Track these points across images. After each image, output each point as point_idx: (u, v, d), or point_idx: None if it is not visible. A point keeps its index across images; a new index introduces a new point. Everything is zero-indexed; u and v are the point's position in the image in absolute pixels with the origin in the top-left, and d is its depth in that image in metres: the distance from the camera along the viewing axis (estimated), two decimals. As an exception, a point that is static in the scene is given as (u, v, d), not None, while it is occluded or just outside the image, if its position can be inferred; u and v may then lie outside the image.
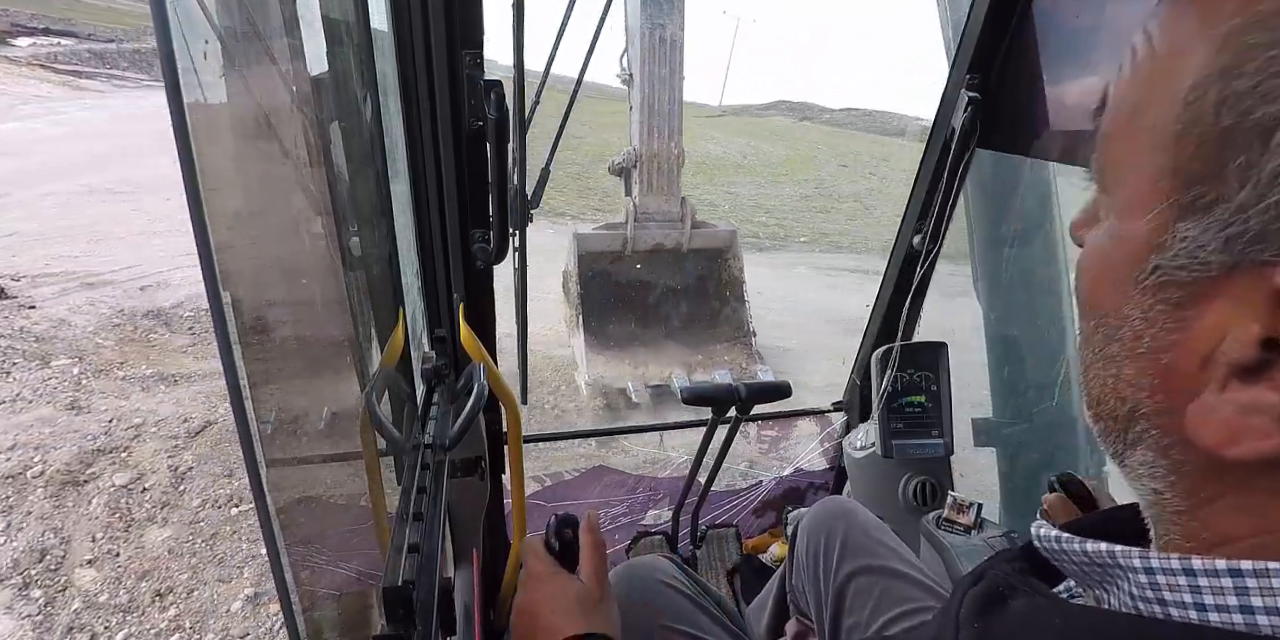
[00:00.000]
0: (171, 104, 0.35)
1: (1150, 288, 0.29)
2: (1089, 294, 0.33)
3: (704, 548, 1.76)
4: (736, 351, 4.65)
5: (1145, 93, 0.29)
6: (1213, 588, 0.28)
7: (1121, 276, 0.30)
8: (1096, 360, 0.32)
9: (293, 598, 0.49)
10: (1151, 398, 0.30)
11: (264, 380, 0.48)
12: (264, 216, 0.59)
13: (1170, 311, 0.28)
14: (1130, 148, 0.30)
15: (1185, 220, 0.27)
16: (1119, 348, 0.31)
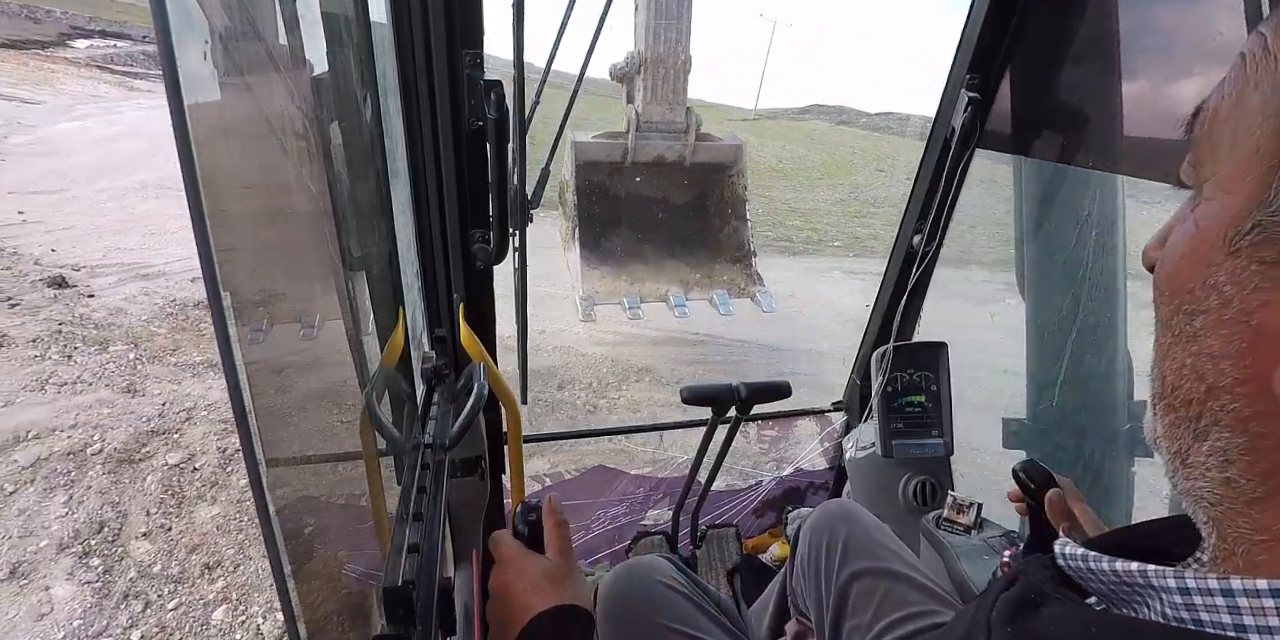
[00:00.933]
0: (171, 104, 0.35)
1: (1244, 250, 0.29)
2: (1170, 279, 0.33)
3: (704, 548, 1.76)
4: (736, 271, 4.45)
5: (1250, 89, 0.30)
6: (1253, 609, 0.27)
7: (1210, 250, 0.31)
8: (1176, 343, 0.33)
9: (293, 598, 0.49)
10: (1236, 364, 0.30)
11: (267, 380, 0.48)
12: (264, 216, 0.59)
13: (1264, 270, 0.29)
14: (1230, 133, 0.31)
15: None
16: (1203, 320, 0.31)
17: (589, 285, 4.10)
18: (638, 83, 4.31)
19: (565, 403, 3.99)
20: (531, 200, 1.21)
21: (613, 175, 4.42)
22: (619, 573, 1.04)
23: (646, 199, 4.50)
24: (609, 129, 4.55)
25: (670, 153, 4.38)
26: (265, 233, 0.60)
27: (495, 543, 0.80)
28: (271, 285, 0.60)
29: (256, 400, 0.44)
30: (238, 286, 0.43)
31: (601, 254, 4.31)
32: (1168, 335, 0.33)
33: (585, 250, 4.21)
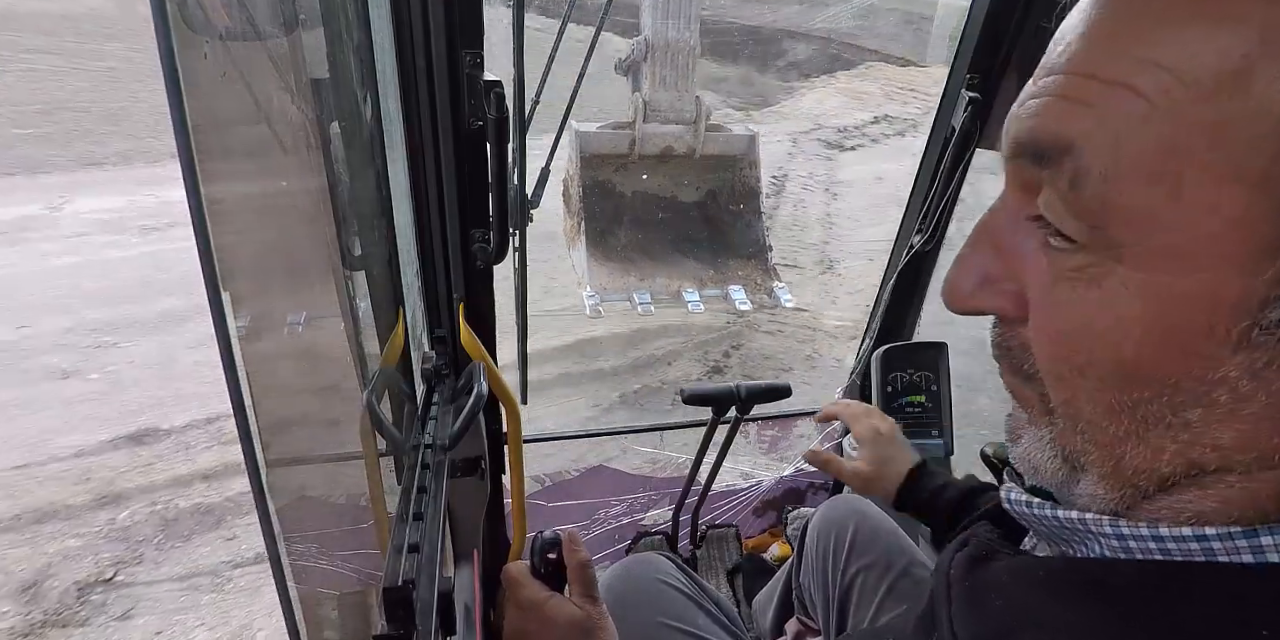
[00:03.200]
0: (172, 104, 0.35)
1: (1265, 343, 0.26)
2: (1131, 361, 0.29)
3: (704, 548, 1.76)
4: (751, 267, 4.26)
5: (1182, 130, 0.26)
6: (1181, 550, 0.30)
7: (1200, 338, 0.27)
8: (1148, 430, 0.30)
9: (293, 598, 0.49)
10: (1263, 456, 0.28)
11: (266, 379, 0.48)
12: (264, 216, 0.59)
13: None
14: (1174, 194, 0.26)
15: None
16: (1205, 415, 0.28)
17: (596, 282, 3.96)
18: (644, 70, 4.09)
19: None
20: (531, 200, 1.21)
21: (619, 171, 4.25)
22: (618, 571, 1.04)
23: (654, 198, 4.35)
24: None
25: (679, 144, 4.16)
26: (265, 232, 0.60)
27: (513, 582, 0.74)
28: (271, 285, 0.60)
29: (256, 400, 0.44)
30: (237, 286, 0.43)
31: (608, 250, 4.16)
32: (1121, 422, 0.30)
33: (591, 246, 4.07)
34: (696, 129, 4.16)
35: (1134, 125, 0.27)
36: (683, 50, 4.07)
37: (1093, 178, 0.28)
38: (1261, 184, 0.25)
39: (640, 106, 4.05)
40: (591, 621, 0.70)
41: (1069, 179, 0.29)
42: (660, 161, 4.26)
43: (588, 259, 4.04)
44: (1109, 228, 0.28)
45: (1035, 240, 0.32)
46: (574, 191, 4.14)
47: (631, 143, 4.09)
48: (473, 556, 1.22)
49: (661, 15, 3.99)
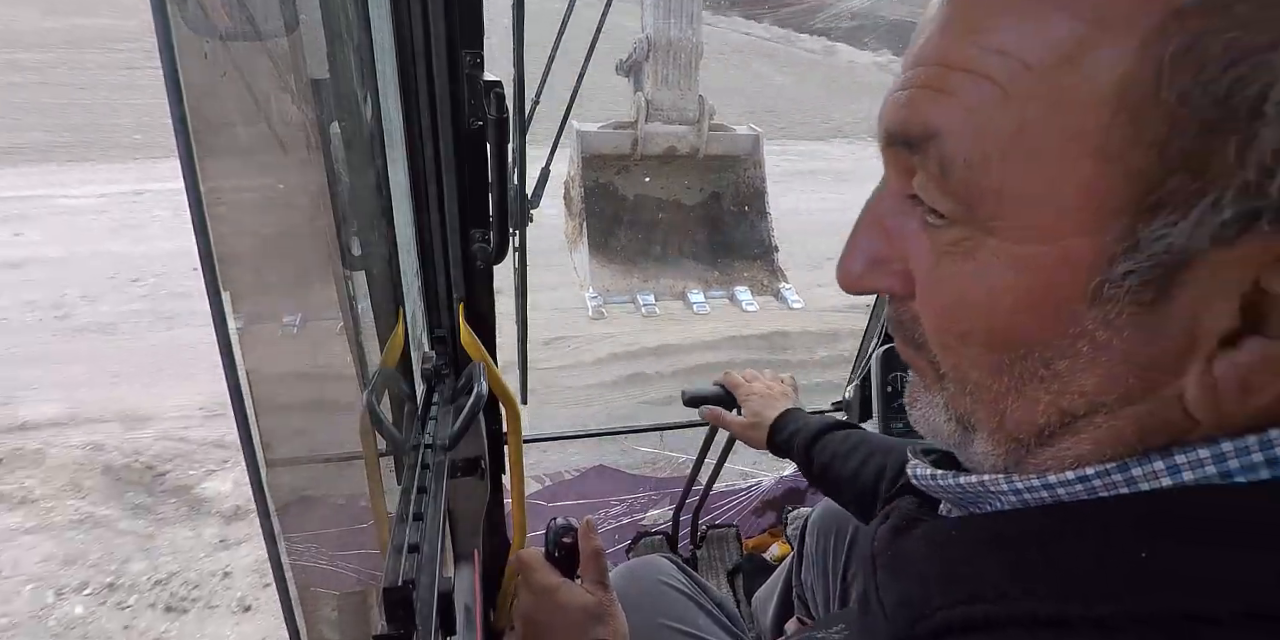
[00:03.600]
0: (172, 104, 0.35)
1: (1117, 296, 0.29)
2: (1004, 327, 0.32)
3: (704, 548, 1.76)
4: (757, 268, 4.21)
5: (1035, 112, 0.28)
6: (1069, 493, 0.33)
7: (1063, 298, 0.30)
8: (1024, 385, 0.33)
9: (293, 597, 0.50)
10: (1122, 396, 0.31)
11: (266, 379, 0.48)
12: (264, 216, 0.60)
13: (1144, 309, 0.29)
14: (1039, 173, 0.29)
15: (1158, 219, 0.27)
16: (1071, 365, 0.31)
17: (599, 283, 3.92)
18: (646, 69, 4.00)
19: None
20: (531, 200, 1.21)
21: (620, 173, 4.19)
22: (620, 573, 1.04)
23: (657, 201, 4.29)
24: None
25: (682, 144, 4.09)
26: (265, 233, 0.60)
27: (526, 567, 0.76)
28: (271, 285, 0.60)
29: (256, 400, 0.44)
30: (237, 286, 0.43)
31: (610, 252, 4.11)
32: (1002, 379, 0.33)
33: (593, 248, 4.01)
34: (700, 129, 4.07)
35: (989, 109, 0.29)
36: (685, 48, 3.99)
37: (958, 161, 0.31)
38: (1102, 153, 0.27)
39: (642, 106, 3.97)
40: (602, 608, 0.72)
41: (937, 163, 0.31)
42: (663, 163, 4.19)
43: (590, 260, 3.98)
44: (977, 205, 0.31)
45: (916, 220, 0.34)
46: (575, 194, 4.07)
47: (634, 142, 4.01)
48: (473, 556, 1.22)
49: (663, 13, 3.91)
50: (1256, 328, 0.28)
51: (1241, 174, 0.25)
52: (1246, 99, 0.24)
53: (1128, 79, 0.26)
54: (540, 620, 0.72)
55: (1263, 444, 0.28)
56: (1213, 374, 0.29)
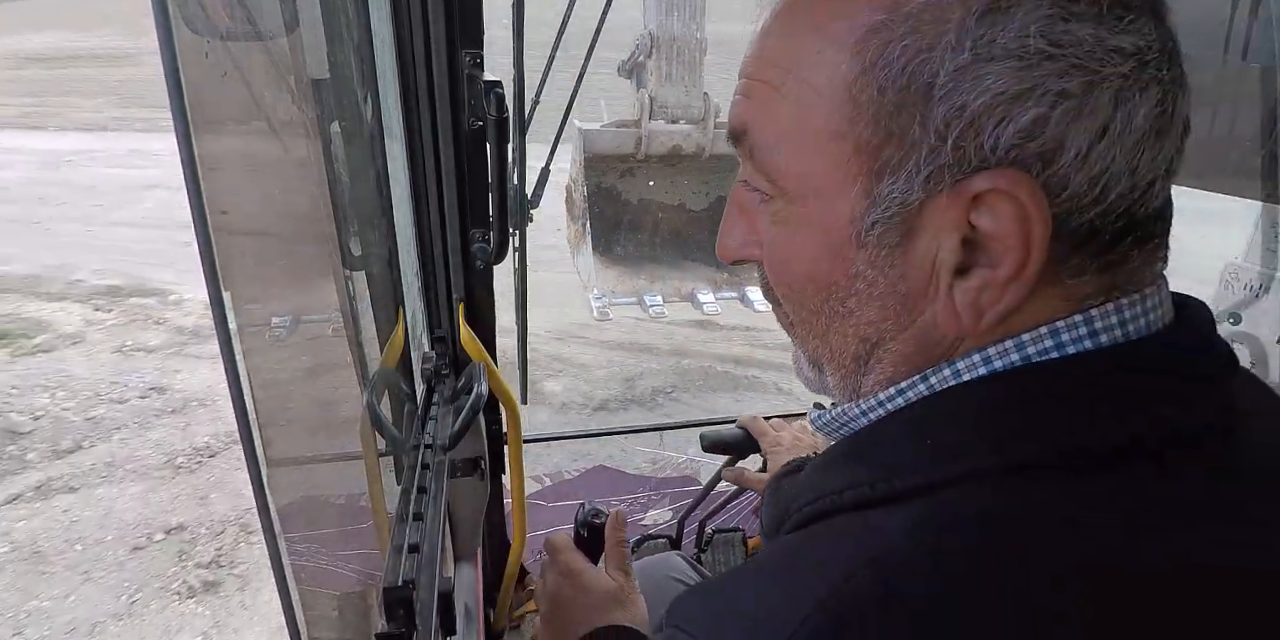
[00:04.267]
0: (173, 104, 0.35)
1: (871, 241, 0.37)
2: (811, 274, 0.41)
3: (709, 552, 1.76)
4: None
5: (796, 105, 0.38)
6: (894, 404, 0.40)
7: (841, 245, 0.38)
8: (834, 322, 0.42)
9: (293, 597, 0.50)
10: (895, 322, 0.39)
11: (267, 380, 0.48)
12: (265, 216, 0.60)
13: (892, 251, 0.37)
14: (801, 150, 0.38)
15: (884, 180, 0.36)
16: (857, 300, 0.40)
17: (604, 284, 3.88)
18: (649, 66, 3.94)
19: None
20: (531, 200, 1.21)
21: (624, 177, 4.11)
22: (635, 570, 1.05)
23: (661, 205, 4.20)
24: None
25: (688, 143, 4.02)
26: (266, 233, 0.60)
27: (555, 549, 0.81)
28: (272, 285, 0.60)
29: (257, 400, 0.44)
30: (238, 286, 0.43)
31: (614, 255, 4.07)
32: (821, 319, 0.42)
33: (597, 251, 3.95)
34: (705, 127, 3.99)
35: (771, 107, 0.39)
36: (689, 44, 3.93)
37: (760, 147, 0.40)
38: (837, 134, 0.36)
39: (646, 104, 3.89)
40: (624, 593, 0.77)
41: (749, 151, 0.41)
42: (667, 164, 4.09)
43: (594, 262, 3.91)
44: (777, 181, 0.40)
45: (757, 199, 0.43)
46: (577, 197, 3.97)
47: (637, 142, 3.93)
48: (472, 556, 1.22)
49: (666, 8, 3.83)
50: (978, 260, 0.35)
51: (927, 141, 0.34)
52: (919, 87, 0.34)
53: (846, 78, 0.36)
54: (564, 600, 0.75)
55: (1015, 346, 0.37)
56: (952, 298, 0.36)
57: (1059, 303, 0.36)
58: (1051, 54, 0.32)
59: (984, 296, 0.36)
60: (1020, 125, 0.33)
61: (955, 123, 0.33)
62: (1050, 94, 0.33)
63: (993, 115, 0.33)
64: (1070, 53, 0.32)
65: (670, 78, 3.98)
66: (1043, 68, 0.32)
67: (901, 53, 0.34)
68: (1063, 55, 0.32)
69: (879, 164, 0.36)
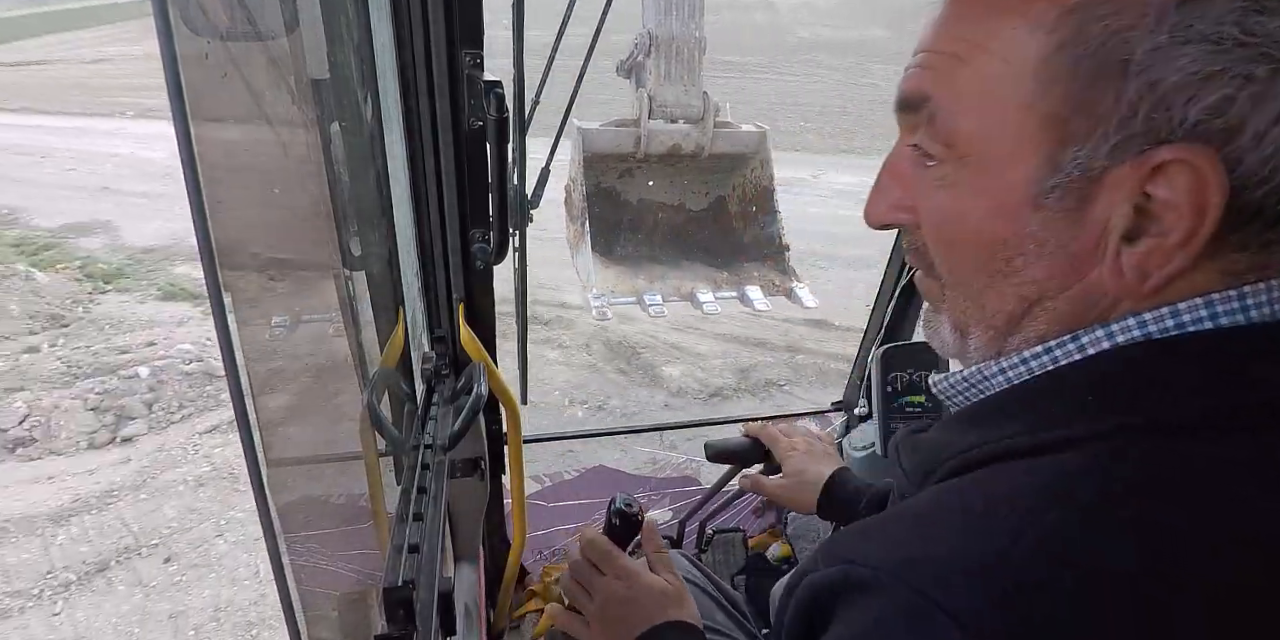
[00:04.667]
0: (173, 104, 0.35)
1: (1049, 204, 0.40)
2: (977, 232, 0.44)
3: (709, 552, 1.76)
4: (768, 268, 4.02)
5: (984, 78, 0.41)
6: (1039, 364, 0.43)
7: (1019, 206, 0.41)
8: (994, 280, 0.44)
9: (293, 597, 0.50)
10: (1060, 280, 0.42)
11: (267, 380, 0.48)
12: (265, 216, 0.59)
13: (1068, 214, 0.40)
14: (986, 119, 0.41)
15: (1069, 147, 0.39)
16: (1024, 260, 0.42)
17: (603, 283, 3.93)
18: (648, 65, 3.76)
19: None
20: (531, 200, 1.21)
21: (623, 177, 4.07)
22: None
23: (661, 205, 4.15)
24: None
25: (687, 142, 3.93)
26: (266, 233, 0.60)
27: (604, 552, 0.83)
28: (272, 285, 0.60)
29: (257, 400, 0.44)
30: (239, 286, 0.43)
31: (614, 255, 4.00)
32: (981, 277, 0.45)
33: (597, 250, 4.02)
34: (704, 126, 3.89)
35: (959, 78, 0.42)
36: (689, 43, 3.97)
37: (941, 115, 0.43)
38: (1025, 105, 0.40)
39: (645, 102, 3.76)
40: (679, 593, 0.80)
41: (928, 117, 0.44)
42: (667, 164, 4.04)
43: (593, 261, 3.94)
44: (955, 146, 0.43)
45: (918, 165, 0.46)
46: (576, 196, 4.05)
47: (637, 141, 3.84)
48: (472, 556, 1.22)
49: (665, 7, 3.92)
50: (1149, 227, 0.38)
51: (1118, 113, 0.37)
52: (1116, 63, 0.36)
53: (1040, 53, 0.39)
54: (622, 599, 0.78)
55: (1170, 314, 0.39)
56: (1119, 262, 0.39)
57: (1215, 276, 0.38)
58: (1244, 41, 0.35)
59: (1150, 260, 0.38)
60: (1208, 103, 0.35)
61: (1147, 97, 0.36)
62: (1239, 77, 0.35)
63: (1183, 93, 0.35)
64: (1261, 41, 0.35)
65: (669, 77, 3.97)
66: (1234, 53, 0.35)
67: (1100, 32, 0.37)
68: (1254, 43, 0.35)
69: (1065, 133, 0.39)
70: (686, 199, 4.33)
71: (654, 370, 4.48)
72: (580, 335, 4.78)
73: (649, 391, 4.29)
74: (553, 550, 1.71)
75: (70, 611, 2.71)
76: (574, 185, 4.05)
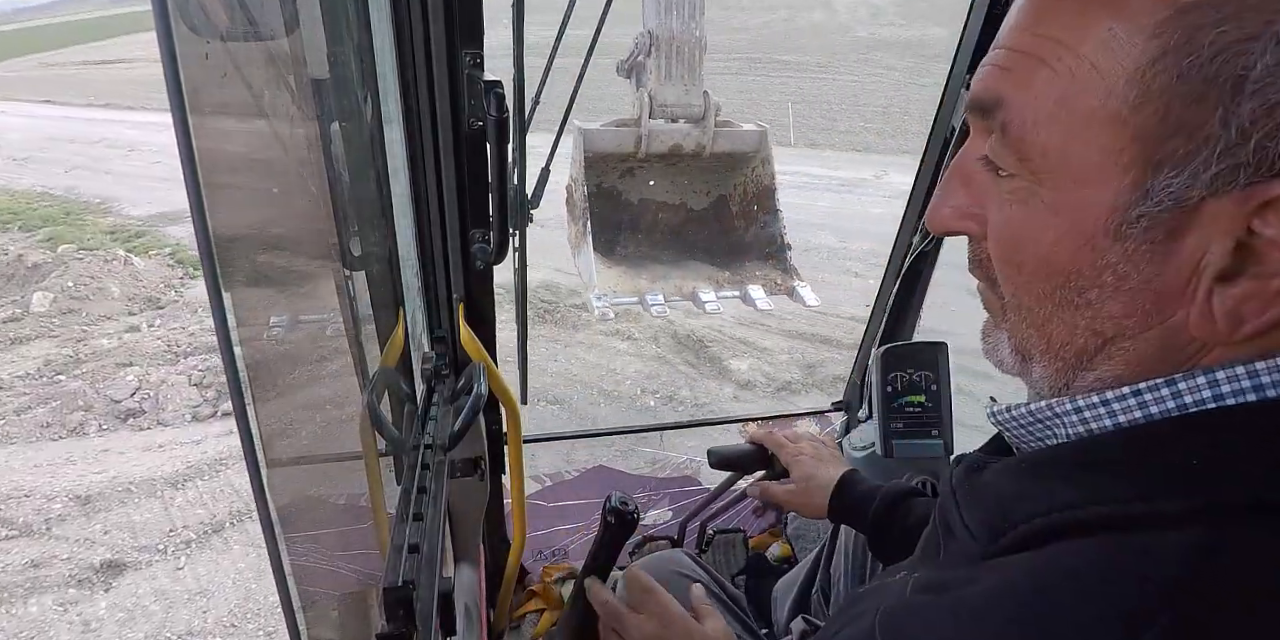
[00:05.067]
0: (173, 104, 0.35)
1: (1134, 234, 0.36)
2: (1048, 259, 0.39)
3: (710, 552, 1.76)
4: (769, 267, 4.11)
5: (1071, 85, 0.36)
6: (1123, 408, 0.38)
7: (1095, 235, 0.37)
8: (1062, 311, 0.40)
9: (293, 597, 0.49)
10: (1140, 321, 0.37)
11: (267, 380, 0.48)
12: (265, 216, 0.59)
13: (1154, 247, 0.36)
14: (1069, 132, 0.37)
15: (1162, 172, 0.34)
16: (1099, 293, 0.38)
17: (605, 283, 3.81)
18: (649, 65, 3.87)
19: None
20: (531, 200, 1.21)
21: (624, 177, 4.12)
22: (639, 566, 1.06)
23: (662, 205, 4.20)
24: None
25: (688, 142, 3.99)
26: (266, 233, 0.60)
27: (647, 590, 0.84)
28: (272, 285, 0.60)
29: (257, 400, 0.44)
30: (238, 286, 0.43)
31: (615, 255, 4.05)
32: (1047, 305, 0.41)
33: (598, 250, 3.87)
34: (705, 126, 3.96)
35: (1039, 83, 0.37)
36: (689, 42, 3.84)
37: (1015, 123, 0.38)
38: (1117, 119, 0.35)
39: (646, 102, 3.85)
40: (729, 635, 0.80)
41: (1001, 125, 0.39)
42: (668, 164, 4.10)
43: (594, 261, 3.94)
44: (1028, 160, 0.38)
45: (989, 173, 0.42)
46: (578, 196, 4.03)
47: (638, 141, 3.91)
48: (472, 556, 1.22)
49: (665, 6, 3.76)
50: (1248, 268, 0.34)
51: (1225, 137, 0.32)
52: (1229, 79, 0.31)
53: (1138, 60, 0.34)
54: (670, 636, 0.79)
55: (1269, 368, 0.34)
56: (1211, 304, 0.35)
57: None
58: None
59: (1248, 306, 0.34)
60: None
61: (1263, 121, 0.31)
62: None
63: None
64: None
65: (670, 76, 3.93)
66: None
67: (1215, 40, 0.31)
68: None
69: (1160, 155, 0.34)
70: (688, 198, 4.33)
71: (722, 363, 4.63)
72: (648, 328, 4.98)
73: (718, 384, 4.43)
74: (553, 550, 1.71)
75: (192, 566, 2.95)
76: (575, 185, 4.05)
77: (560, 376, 4.56)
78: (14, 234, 7.54)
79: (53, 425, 4.01)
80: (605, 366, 4.65)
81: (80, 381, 4.39)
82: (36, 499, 3.37)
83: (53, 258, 6.21)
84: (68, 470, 3.61)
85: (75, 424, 4.02)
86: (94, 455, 3.75)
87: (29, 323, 5.25)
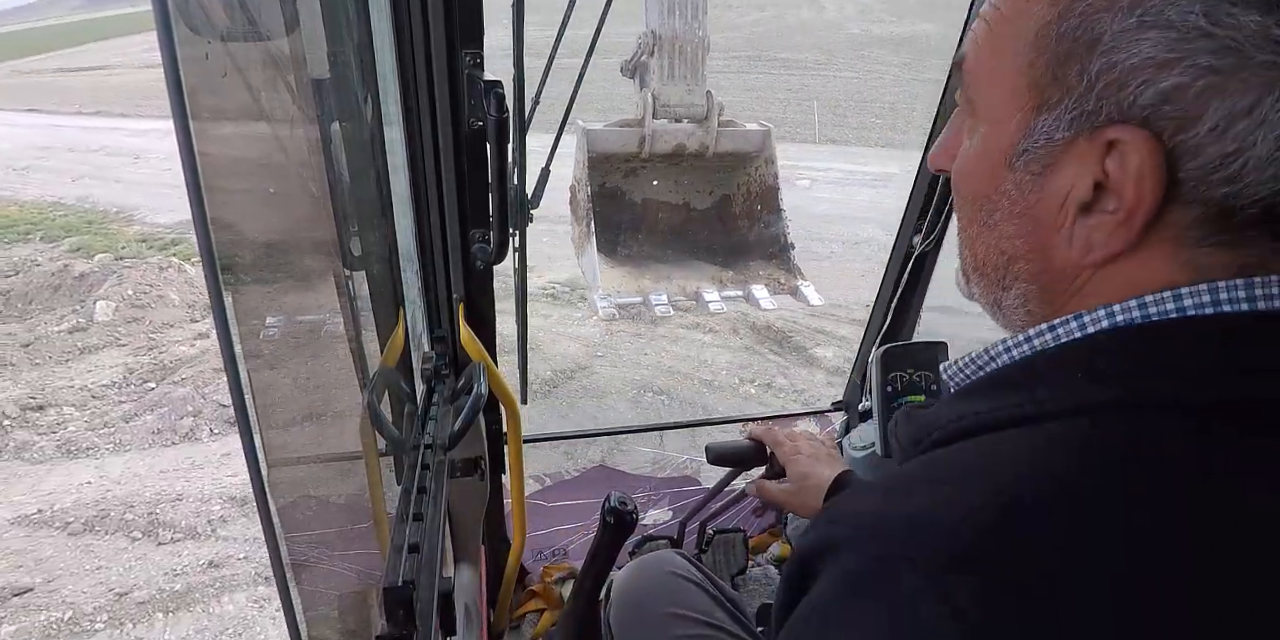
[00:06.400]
0: (174, 104, 0.35)
1: (1020, 166, 0.43)
2: (974, 186, 0.48)
3: (709, 552, 1.76)
4: (773, 267, 4.16)
5: (1000, 42, 0.44)
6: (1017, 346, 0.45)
7: (997, 165, 0.45)
8: (982, 232, 0.48)
9: (294, 597, 0.49)
10: (1026, 241, 0.45)
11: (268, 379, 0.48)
12: (266, 216, 0.59)
13: (1034, 179, 0.43)
14: (993, 79, 0.45)
15: (1041, 115, 0.42)
16: (1000, 215, 0.46)
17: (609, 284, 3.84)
18: (652, 65, 3.92)
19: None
20: (531, 200, 1.21)
21: (628, 177, 4.11)
22: (630, 568, 1.05)
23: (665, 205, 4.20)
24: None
25: (691, 141, 4.01)
26: (266, 233, 0.60)
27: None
28: (272, 285, 0.60)
29: (257, 400, 0.44)
30: (239, 286, 0.43)
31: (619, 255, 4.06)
32: (974, 227, 0.48)
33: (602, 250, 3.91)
34: (708, 125, 3.98)
35: (985, 43, 0.45)
36: (692, 42, 3.88)
37: (969, 74, 0.47)
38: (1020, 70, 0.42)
39: (649, 102, 3.87)
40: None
41: (963, 75, 0.48)
42: (671, 164, 4.08)
43: (598, 262, 3.91)
44: (973, 102, 0.47)
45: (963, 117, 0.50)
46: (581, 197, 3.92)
47: (641, 141, 3.91)
48: (472, 556, 1.22)
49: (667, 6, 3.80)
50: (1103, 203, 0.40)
51: (1080, 88, 0.39)
52: (1088, 40, 0.39)
53: (1040, 23, 0.41)
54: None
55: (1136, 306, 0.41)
56: (1073, 232, 0.42)
57: (1180, 269, 0.40)
58: (1209, 32, 0.35)
59: (1095, 235, 0.41)
60: (1160, 89, 0.37)
61: (1105, 76, 0.38)
62: (1196, 67, 0.36)
63: (1138, 76, 0.37)
64: (1227, 35, 0.35)
65: (673, 76, 3.94)
66: (1196, 43, 0.36)
67: (1084, 9, 0.39)
68: (1220, 35, 0.35)
69: (1041, 101, 0.42)
70: (691, 198, 4.31)
71: (807, 352, 4.87)
72: (725, 321, 5.13)
73: (808, 371, 4.66)
74: (553, 550, 1.71)
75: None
76: (579, 185, 4.04)
77: (656, 369, 4.73)
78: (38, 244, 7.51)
79: (164, 431, 4.03)
80: (696, 358, 4.87)
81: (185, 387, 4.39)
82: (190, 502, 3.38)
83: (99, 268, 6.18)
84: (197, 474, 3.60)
85: (186, 429, 4.05)
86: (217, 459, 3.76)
87: (95, 332, 5.27)
